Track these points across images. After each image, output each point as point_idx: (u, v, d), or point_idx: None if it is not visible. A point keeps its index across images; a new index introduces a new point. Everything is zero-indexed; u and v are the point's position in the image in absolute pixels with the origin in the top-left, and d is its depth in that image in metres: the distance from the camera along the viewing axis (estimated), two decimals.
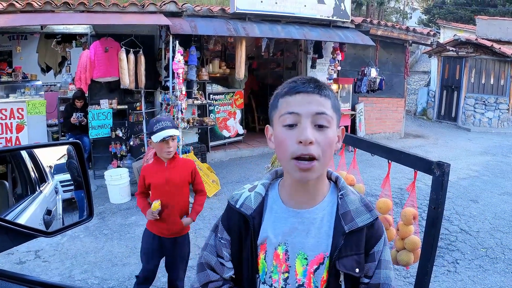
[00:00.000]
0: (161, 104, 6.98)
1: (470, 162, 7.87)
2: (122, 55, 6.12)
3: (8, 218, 0.93)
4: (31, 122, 6.78)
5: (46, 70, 8.81)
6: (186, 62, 6.32)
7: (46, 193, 1.23)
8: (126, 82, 6.19)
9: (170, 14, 6.48)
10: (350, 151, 4.29)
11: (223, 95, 8.10)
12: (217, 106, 7.92)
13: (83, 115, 6.52)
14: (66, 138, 6.93)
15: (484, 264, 3.87)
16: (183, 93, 5.85)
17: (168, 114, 6.21)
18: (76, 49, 8.37)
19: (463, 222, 4.85)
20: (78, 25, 6.68)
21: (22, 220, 0.98)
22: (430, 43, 9.97)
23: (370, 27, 8.46)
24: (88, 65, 6.15)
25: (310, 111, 0.99)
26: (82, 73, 6.20)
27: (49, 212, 1.18)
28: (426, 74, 16.99)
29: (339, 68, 8.15)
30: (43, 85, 8.51)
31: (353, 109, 9.28)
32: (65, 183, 1.28)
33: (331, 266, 1.03)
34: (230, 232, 1.14)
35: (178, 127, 2.71)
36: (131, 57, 6.22)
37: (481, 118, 12.46)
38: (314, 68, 8.69)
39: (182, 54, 5.66)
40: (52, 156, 1.24)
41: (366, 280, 1.08)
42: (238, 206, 1.12)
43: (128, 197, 5.64)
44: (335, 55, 7.93)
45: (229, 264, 1.16)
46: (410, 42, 9.77)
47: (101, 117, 6.51)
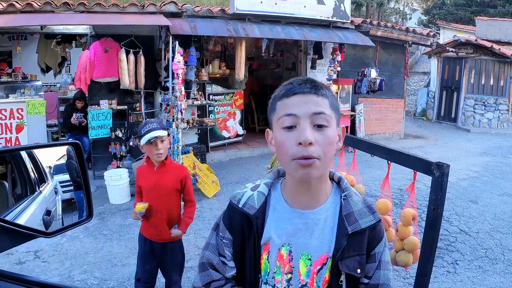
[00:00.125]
0: (160, 104, 6.98)
1: (469, 163, 7.87)
2: (122, 56, 6.12)
3: (7, 218, 0.93)
4: (31, 123, 6.78)
5: (46, 70, 8.81)
6: (186, 63, 6.32)
7: (45, 193, 1.22)
8: (126, 82, 6.20)
9: (170, 15, 6.48)
10: (350, 152, 4.30)
11: (223, 96, 8.11)
12: (216, 107, 7.92)
13: (83, 116, 6.52)
14: (65, 139, 6.93)
15: (483, 265, 3.87)
16: (183, 93, 5.86)
17: (168, 115, 6.21)
18: (76, 49, 8.38)
19: (463, 223, 4.85)
20: (78, 25, 6.68)
21: (21, 220, 0.98)
22: (429, 44, 9.98)
23: (370, 28, 8.47)
24: (88, 65, 6.15)
25: (308, 112, 0.99)
26: (82, 73, 6.20)
27: (48, 212, 1.18)
28: (426, 75, 17.00)
29: (339, 68, 8.15)
30: (43, 85, 8.52)
31: (352, 109, 9.28)
32: (64, 184, 1.28)
33: (334, 266, 1.04)
34: (232, 231, 1.14)
35: (167, 129, 2.65)
36: (131, 57, 6.23)
37: (480, 119, 12.47)
38: (314, 68, 8.70)
39: (182, 55, 5.66)
40: (51, 156, 1.24)
41: (366, 280, 1.09)
42: (241, 205, 1.11)
43: (127, 197, 5.64)
44: (335, 56, 7.94)
45: (231, 263, 1.15)
46: (410, 43, 9.78)
47: (100, 117, 6.51)
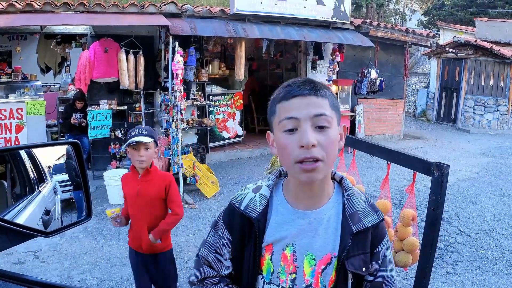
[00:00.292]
0: (160, 105, 6.98)
1: (469, 163, 7.88)
2: (122, 56, 6.12)
3: (6, 218, 0.92)
4: (31, 123, 6.78)
5: (45, 70, 8.82)
6: (186, 63, 6.32)
7: (45, 193, 1.22)
8: (126, 82, 6.20)
9: (169, 15, 6.48)
10: (350, 153, 4.30)
11: (223, 96, 8.11)
12: (216, 107, 7.92)
13: (83, 116, 6.52)
14: (65, 139, 6.92)
15: (483, 265, 3.87)
16: (182, 94, 5.85)
17: (167, 115, 6.20)
18: (75, 49, 8.39)
19: (462, 223, 4.85)
20: (78, 25, 6.67)
21: (20, 220, 0.97)
22: (429, 45, 9.98)
23: (369, 29, 8.48)
24: (87, 65, 6.15)
25: (309, 114, 0.98)
26: (81, 73, 6.20)
27: (47, 212, 1.17)
28: (426, 76, 17.01)
29: (337, 69, 8.15)
30: (43, 85, 8.53)
31: (352, 110, 9.29)
32: (64, 183, 1.27)
33: (340, 266, 1.04)
34: (232, 232, 1.14)
35: (156, 140, 2.59)
36: (131, 57, 6.23)
37: (480, 120, 12.47)
38: (314, 69, 8.70)
39: (181, 55, 5.66)
40: (51, 156, 1.23)
41: (370, 278, 1.10)
42: (242, 208, 1.11)
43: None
44: (334, 57, 7.94)
45: (227, 262, 1.16)
46: (410, 43, 9.79)
47: (100, 117, 6.51)
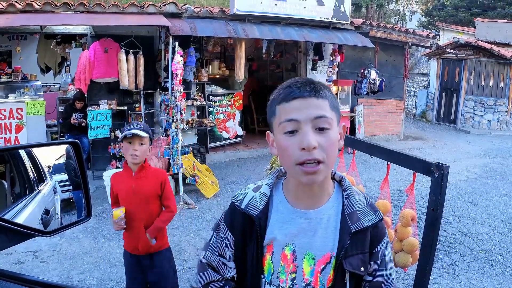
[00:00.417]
0: (160, 105, 6.98)
1: (469, 164, 7.88)
2: (122, 56, 6.12)
3: (6, 217, 0.92)
4: (30, 123, 6.78)
5: (45, 70, 8.82)
6: (185, 63, 6.32)
7: (44, 192, 1.22)
8: (126, 83, 6.20)
9: (169, 15, 6.48)
10: (349, 153, 4.29)
11: (223, 97, 8.11)
12: (216, 107, 7.92)
13: (83, 116, 6.51)
14: (65, 139, 6.92)
15: (483, 266, 3.87)
16: (181, 94, 5.84)
17: (167, 115, 6.20)
18: (75, 49, 8.39)
19: (462, 224, 4.85)
20: (78, 25, 6.68)
21: (20, 219, 0.97)
22: (429, 45, 9.99)
23: (369, 29, 8.48)
24: (87, 65, 6.15)
25: (309, 116, 0.98)
26: (81, 73, 6.20)
27: (47, 212, 1.17)
28: (426, 76, 17.02)
29: (337, 69, 8.15)
30: (43, 85, 8.54)
31: (352, 111, 9.28)
32: (63, 183, 1.27)
33: (338, 265, 1.04)
34: (234, 232, 1.14)
35: (151, 136, 2.54)
36: (131, 58, 6.23)
37: (480, 121, 12.48)
38: (315, 70, 8.70)
39: (181, 55, 5.66)
40: (50, 156, 1.23)
41: (369, 278, 1.10)
42: (243, 206, 1.11)
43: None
44: (334, 57, 7.94)
45: (231, 264, 1.15)
46: (410, 44, 9.79)
47: (100, 117, 6.51)
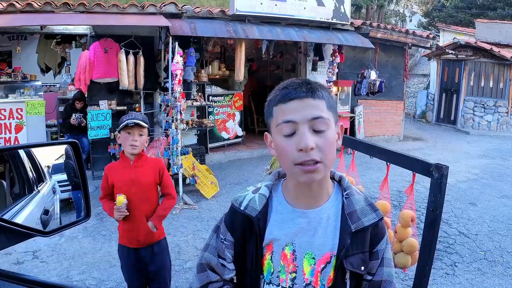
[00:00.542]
0: (160, 105, 6.98)
1: (469, 165, 7.88)
2: (122, 56, 6.12)
3: (5, 217, 0.92)
4: (30, 123, 6.78)
5: (45, 70, 8.82)
6: (184, 63, 6.31)
7: (43, 192, 1.22)
8: (125, 83, 6.20)
9: (169, 16, 6.48)
10: (349, 154, 4.29)
11: (223, 97, 8.11)
12: (216, 108, 7.92)
13: (83, 116, 6.51)
14: (65, 139, 6.92)
15: (482, 267, 3.87)
16: (181, 94, 5.84)
17: (167, 116, 6.20)
18: (75, 49, 8.39)
19: (462, 225, 4.85)
20: (78, 25, 6.68)
21: (19, 219, 0.97)
22: (429, 46, 9.99)
23: (369, 30, 8.47)
24: (87, 65, 6.15)
25: (307, 117, 0.99)
26: (81, 73, 6.20)
27: (46, 211, 1.17)
28: (426, 77, 17.02)
29: (337, 70, 8.15)
30: (43, 85, 8.53)
31: (352, 111, 9.28)
32: (63, 183, 1.28)
33: (338, 264, 1.05)
34: (234, 233, 1.14)
35: (150, 129, 2.55)
36: (131, 58, 6.23)
37: (480, 121, 12.47)
38: (315, 70, 8.69)
39: (181, 56, 5.66)
40: (50, 156, 1.24)
41: (369, 277, 1.10)
42: (242, 208, 1.12)
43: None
44: (334, 58, 7.94)
45: (230, 265, 1.15)
46: (410, 45, 9.79)
47: (100, 118, 6.51)
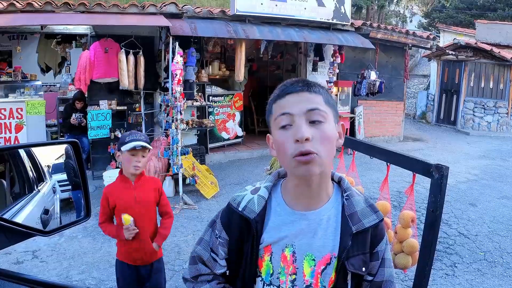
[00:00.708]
0: (160, 105, 6.98)
1: (469, 165, 7.88)
2: (122, 56, 6.12)
3: (5, 216, 0.92)
4: (30, 122, 6.78)
5: (45, 70, 8.82)
6: (185, 64, 6.31)
7: (43, 192, 1.22)
8: (125, 83, 6.19)
9: (170, 16, 6.48)
10: (349, 154, 4.29)
11: (223, 97, 8.10)
12: (216, 108, 7.92)
13: (83, 116, 6.51)
14: (65, 139, 6.91)
15: (482, 267, 3.87)
16: (181, 94, 5.83)
17: (167, 116, 6.20)
18: (76, 49, 8.40)
19: (462, 225, 4.85)
20: (78, 25, 6.68)
21: (19, 219, 0.97)
22: (429, 47, 9.99)
23: (370, 30, 8.47)
24: (87, 65, 6.15)
25: (302, 109, 1.00)
26: (81, 73, 6.20)
27: (46, 211, 1.17)
28: (426, 78, 17.03)
29: (337, 71, 8.15)
30: (43, 85, 8.53)
31: (352, 112, 9.28)
32: (63, 183, 1.27)
33: (340, 266, 1.04)
34: (230, 232, 1.14)
35: (149, 143, 2.53)
36: (131, 58, 6.22)
37: (480, 122, 12.47)
38: (315, 71, 8.69)
39: (181, 56, 5.66)
40: (50, 155, 1.24)
41: (370, 277, 1.10)
42: (240, 209, 1.11)
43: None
44: (335, 58, 7.94)
45: (222, 262, 1.16)
46: (410, 45, 9.80)
47: (100, 117, 6.51)
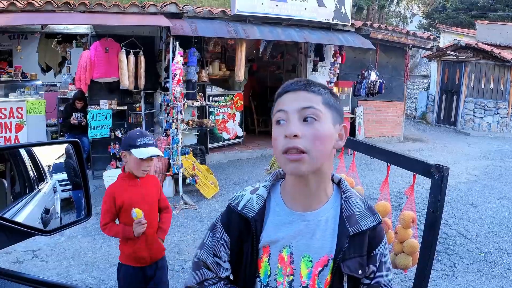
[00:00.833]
0: (160, 105, 6.98)
1: (469, 166, 7.88)
2: (122, 56, 6.12)
3: (6, 216, 0.92)
4: (31, 122, 6.79)
5: (46, 70, 8.83)
6: (185, 64, 6.32)
7: (44, 192, 1.22)
8: (126, 83, 6.19)
9: (170, 15, 6.48)
10: (349, 154, 4.29)
11: (223, 97, 8.10)
12: (216, 108, 7.92)
13: (83, 116, 6.51)
14: (65, 138, 6.91)
15: (482, 268, 3.87)
16: (181, 94, 5.83)
17: (167, 116, 6.20)
18: (76, 49, 8.39)
19: (462, 226, 4.85)
20: (79, 25, 6.69)
21: (20, 218, 0.97)
22: (430, 47, 9.98)
23: (370, 31, 8.47)
24: (88, 65, 6.15)
25: (296, 107, 1.01)
26: (82, 73, 6.20)
27: (47, 211, 1.17)
28: (426, 78, 17.03)
29: (338, 71, 8.15)
30: (43, 84, 8.54)
31: (352, 112, 9.28)
32: (63, 182, 1.27)
33: (336, 268, 1.04)
34: (230, 233, 1.14)
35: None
36: (131, 58, 6.22)
37: (480, 123, 12.48)
38: (316, 71, 8.68)
39: (182, 56, 5.66)
40: (51, 155, 1.24)
41: (367, 281, 1.10)
42: (239, 208, 1.11)
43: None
44: (335, 59, 7.94)
45: (226, 264, 1.15)
46: (410, 46, 9.80)
47: (100, 117, 6.51)
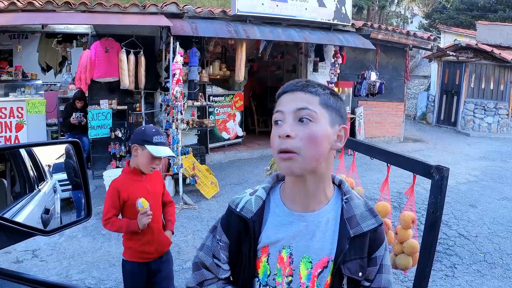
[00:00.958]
0: (160, 105, 6.98)
1: (469, 167, 7.87)
2: (122, 56, 6.12)
3: (6, 216, 0.92)
4: (31, 121, 6.79)
5: (46, 69, 8.84)
6: (186, 64, 6.32)
7: (44, 192, 1.22)
8: (126, 82, 6.19)
9: (171, 15, 6.48)
10: (349, 155, 4.29)
11: (223, 97, 8.11)
12: (216, 108, 7.92)
13: (83, 115, 6.52)
14: (65, 138, 6.91)
15: (482, 269, 3.87)
16: (179, 94, 5.82)
17: (168, 116, 6.20)
18: (76, 49, 8.41)
19: (462, 226, 4.85)
20: (79, 25, 6.69)
21: (20, 218, 0.97)
22: (430, 48, 9.99)
23: (370, 31, 8.47)
24: (88, 65, 6.15)
25: (292, 108, 1.02)
26: (82, 73, 6.20)
27: (47, 211, 1.17)
28: (426, 79, 17.02)
29: (338, 71, 8.15)
30: (43, 84, 8.54)
31: (352, 112, 9.28)
32: (63, 182, 1.27)
33: (336, 269, 1.04)
34: (229, 234, 1.14)
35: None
36: (131, 57, 6.22)
37: (480, 123, 12.47)
38: (316, 71, 8.67)
39: (182, 55, 5.66)
40: (51, 155, 1.24)
41: (367, 283, 1.10)
42: (238, 209, 1.11)
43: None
44: (336, 59, 7.94)
45: (225, 266, 1.15)
46: (411, 46, 9.79)
47: (100, 117, 6.51)
